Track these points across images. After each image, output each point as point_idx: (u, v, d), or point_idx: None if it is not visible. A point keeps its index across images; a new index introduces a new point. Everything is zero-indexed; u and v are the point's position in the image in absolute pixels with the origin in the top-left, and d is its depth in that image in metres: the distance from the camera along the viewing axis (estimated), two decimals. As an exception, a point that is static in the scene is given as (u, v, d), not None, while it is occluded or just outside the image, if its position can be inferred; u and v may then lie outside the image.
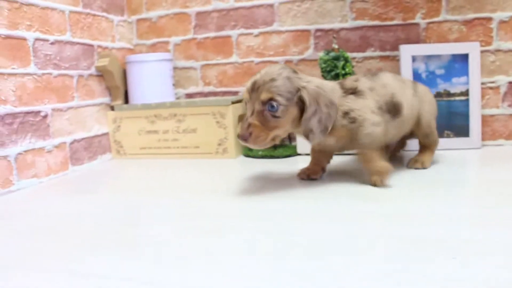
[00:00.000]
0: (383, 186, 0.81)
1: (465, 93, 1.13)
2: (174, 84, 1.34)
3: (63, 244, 0.62)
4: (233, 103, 1.19)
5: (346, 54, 1.07)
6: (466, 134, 1.13)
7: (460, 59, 1.13)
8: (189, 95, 1.40)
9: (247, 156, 1.20)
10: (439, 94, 1.14)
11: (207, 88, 1.38)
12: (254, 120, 0.76)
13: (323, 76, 1.09)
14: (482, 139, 1.17)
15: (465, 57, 1.12)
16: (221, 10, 1.32)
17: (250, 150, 1.20)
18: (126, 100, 1.33)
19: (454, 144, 1.13)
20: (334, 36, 1.19)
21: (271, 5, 1.28)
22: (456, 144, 1.13)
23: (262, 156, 1.16)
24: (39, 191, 0.94)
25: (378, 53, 1.22)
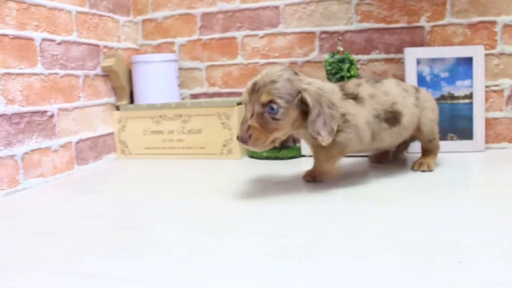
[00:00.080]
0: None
1: (469, 96, 1.13)
2: (179, 85, 1.34)
3: (64, 244, 0.62)
4: (238, 104, 1.19)
5: (351, 57, 1.08)
6: (470, 137, 1.13)
7: (464, 62, 1.13)
8: (194, 96, 1.41)
9: (251, 157, 1.20)
10: (443, 97, 1.14)
11: (212, 89, 1.38)
12: (254, 122, 0.75)
13: (328, 78, 1.10)
14: (486, 142, 1.17)
15: (469, 60, 1.13)
16: (226, 11, 1.33)
17: (254, 151, 1.20)
18: (132, 100, 1.34)
19: (457, 147, 1.14)
20: (339, 38, 1.19)
21: (277, 7, 1.28)
22: (459, 146, 1.14)
23: (267, 158, 1.17)
24: (45, 190, 0.95)
25: (383, 55, 1.22)
